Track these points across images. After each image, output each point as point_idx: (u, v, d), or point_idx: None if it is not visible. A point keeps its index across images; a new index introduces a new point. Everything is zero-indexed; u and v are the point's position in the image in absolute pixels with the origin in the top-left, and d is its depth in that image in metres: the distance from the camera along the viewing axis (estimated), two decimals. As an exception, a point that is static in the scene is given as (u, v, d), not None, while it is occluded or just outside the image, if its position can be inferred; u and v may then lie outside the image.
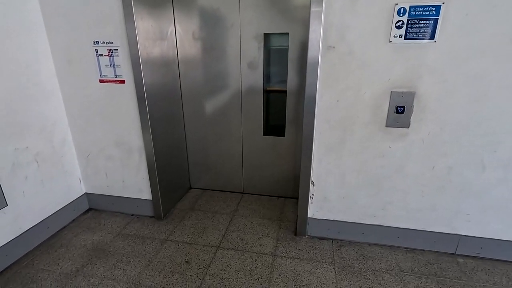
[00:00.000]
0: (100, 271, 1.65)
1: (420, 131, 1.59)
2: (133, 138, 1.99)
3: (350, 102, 1.61)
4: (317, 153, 1.75)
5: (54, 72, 1.92)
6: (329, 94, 1.62)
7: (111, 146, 2.05)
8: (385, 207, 1.78)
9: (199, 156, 2.51)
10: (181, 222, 2.11)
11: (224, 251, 1.81)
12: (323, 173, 1.79)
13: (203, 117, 2.37)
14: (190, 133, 2.44)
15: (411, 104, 1.54)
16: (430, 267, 1.69)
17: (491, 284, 1.57)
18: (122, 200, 2.19)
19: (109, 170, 2.13)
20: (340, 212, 1.86)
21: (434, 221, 1.75)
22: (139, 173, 2.08)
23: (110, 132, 2.02)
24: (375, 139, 1.65)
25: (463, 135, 1.55)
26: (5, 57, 1.61)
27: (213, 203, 2.38)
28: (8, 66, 1.63)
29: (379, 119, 1.61)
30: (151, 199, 2.12)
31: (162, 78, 2.04)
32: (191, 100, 2.33)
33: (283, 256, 1.77)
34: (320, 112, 1.66)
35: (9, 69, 1.63)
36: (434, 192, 1.69)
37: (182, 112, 2.38)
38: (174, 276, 1.61)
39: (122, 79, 1.84)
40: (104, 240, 1.92)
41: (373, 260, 1.74)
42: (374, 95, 1.57)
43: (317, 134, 1.71)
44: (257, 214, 2.23)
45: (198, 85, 2.27)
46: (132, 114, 1.92)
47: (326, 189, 1.82)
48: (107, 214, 2.22)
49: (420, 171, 1.66)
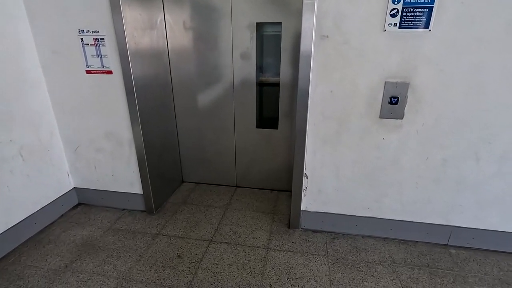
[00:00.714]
0: (89, 266, 1.62)
1: (415, 122, 1.57)
2: (123, 131, 1.93)
3: (344, 93, 1.58)
4: (311, 145, 1.72)
5: (38, 62, 1.85)
6: (323, 85, 1.59)
7: (101, 138, 2.00)
8: (380, 199, 1.77)
9: (191, 149, 2.46)
10: (173, 216, 2.08)
11: (216, 245, 1.78)
12: (317, 165, 1.77)
13: (195, 109, 2.32)
14: (182, 126, 2.39)
15: (405, 95, 1.52)
16: (422, 258, 1.69)
17: (483, 274, 1.58)
18: (112, 194, 2.15)
19: (98, 163, 2.08)
20: (334, 205, 1.85)
21: (429, 213, 1.75)
22: (130, 167, 2.03)
23: (99, 125, 1.96)
24: (370, 131, 1.63)
25: (458, 127, 1.54)
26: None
27: (206, 197, 2.35)
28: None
29: (374, 110, 1.59)
30: (142, 193, 2.08)
31: (152, 69, 1.98)
32: (182, 92, 2.28)
33: (276, 249, 1.75)
34: (314, 103, 1.63)
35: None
36: (429, 185, 1.68)
37: (173, 105, 2.33)
38: (165, 270, 1.59)
39: (110, 70, 1.77)
40: (93, 235, 1.88)
41: (366, 252, 1.74)
42: (369, 85, 1.54)
43: (311, 126, 1.68)
44: (250, 207, 2.20)
45: (190, 77, 2.22)
46: (121, 106, 1.86)
47: (320, 181, 1.80)
48: (97, 209, 2.18)
49: (415, 163, 1.65)
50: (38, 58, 1.84)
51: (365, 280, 1.53)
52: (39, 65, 1.86)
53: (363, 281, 1.52)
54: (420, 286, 1.49)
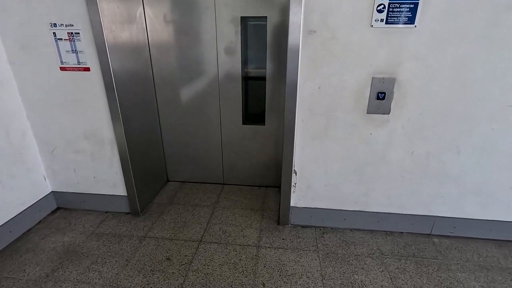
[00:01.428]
0: (73, 275, 1.54)
1: (401, 117, 1.60)
2: (103, 130, 1.84)
3: (332, 89, 1.58)
4: (299, 141, 1.72)
5: (5, 58, 1.71)
6: (311, 81, 1.57)
7: (80, 139, 1.89)
8: (367, 193, 1.80)
9: (176, 147, 2.40)
10: (160, 217, 2.02)
11: (206, 245, 1.75)
12: (306, 161, 1.77)
13: (179, 106, 2.24)
14: (165, 123, 2.31)
15: (391, 90, 1.54)
16: (408, 248, 1.75)
17: (464, 261, 1.65)
18: (94, 197, 2.05)
19: (78, 165, 1.97)
20: (323, 200, 1.86)
21: (413, 204, 1.80)
22: (112, 167, 1.94)
23: (77, 125, 1.85)
24: (357, 126, 1.64)
25: (441, 121, 1.58)
26: None
27: (193, 196, 2.30)
28: None
29: (362, 106, 1.60)
30: (127, 195, 2.00)
31: (132, 65, 1.88)
32: (165, 88, 2.19)
33: (267, 247, 1.75)
34: (302, 99, 1.61)
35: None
36: (413, 177, 1.73)
37: (156, 101, 2.24)
38: (154, 274, 1.54)
39: (87, 67, 1.67)
40: (76, 241, 1.79)
41: (355, 245, 1.77)
42: (357, 81, 1.55)
43: (299, 122, 1.67)
44: (238, 205, 2.18)
45: (172, 72, 2.14)
46: (100, 104, 1.76)
47: (309, 177, 1.81)
48: (78, 213, 2.07)
49: (401, 157, 1.69)
50: (6, 54, 1.70)
51: (355, 273, 1.56)
52: (6, 61, 1.71)
53: (354, 274, 1.55)
54: (407, 276, 1.54)
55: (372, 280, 1.52)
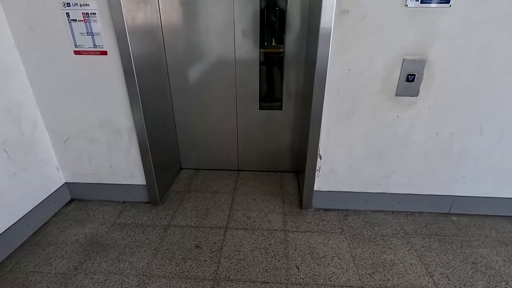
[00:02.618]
0: (102, 266, 1.51)
1: (428, 99, 1.60)
2: (120, 117, 1.76)
3: (361, 71, 1.55)
4: (326, 125, 1.70)
5: (12, 42, 1.58)
6: (341, 63, 1.54)
7: (95, 128, 1.81)
8: (389, 175, 1.83)
9: (189, 134, 2.34)
10: (181, 206, 1.99)
11: (233, 232, 1.75)
12: (331, 145, 1.76)
13: (193, 91, 2.17)
14: (179, 109, 2.24)
15: (421, 72, 1.53)
16: (430, 227, 1.80)
17: (483, 237, 1.72)
18: (110, 187, 1.99)
19: (93, 155, 1.90)
20: (346, 183, 1.88)
21: (433, 185, 1.84)
22: (130, 156, 1.88)
23: (91, 112, 1.76)
24: (384, 109, 1.64)
25: (466, 102, 1.60)
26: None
27: (209, 183, 2.27)
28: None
29: (389, 88, 1.59)
30: (146, 184, 1.95)
31: (148, 48, 1.79)
32: (178, 73, 2.11)
33: (294, 231, 1.76)
34: (331, 83, 1.59)
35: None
36: (435, 158, 1.76)
37: (169, 86, 2.16)
38: (187, 262, 1.53)
39: (104, 50, 1.57)
40: (98, 232, 1.74)
41: (379, 226, 1.81)
42: (386, 63, 1.53)
43: (327, 106, 1.65)
44: (257, 190, 2.17)
45: (186, 56, 2.05)
46: (118, 90, 1.68)
47: (333, 161, 1.81)
48: (93, 203, 2.01)
49: (424, 139, 1.71)
50: (12, 38, 1.58)
51: (384, 253, 1.59)
52: (13, 46, 1.59)
53: (383, 254, 1.59)
54: (433, 253, 1.59)
55: (401, 258, 1.56)
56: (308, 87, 1.67)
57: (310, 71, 1.64)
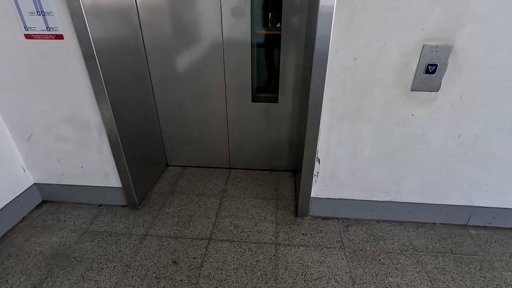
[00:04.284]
0: (65, 285, 1.32)
1: (451, 94, 1.31)
2: (87, 112, 1.53)
3: (371, 60, 1.27)
4: (326, 123, 1.44)
5: (-47, 23, 1.33)
6: (345, 50, 1.26)
7: (61, 123, 1.58)
8: (400, 181, 1.57)
9: (175, 128, 2.10)
10: (162, 210, 1.79)
11: (217, 244, 1.54)
12: (332, 146, 1.50)
13: (176, 79, 1.91)
14: (161, 100, 1.99)
15: (445, 62, 1.24)
16: (444, 242, 1.56)
17: (507, 257, 1.48)
18: (84, 189, 1.79)
19: (61, 154, 1.68)
20: (348, 190, 1.63)
21: (450, 193, 1.58)
22: (102, 156, 1.66)
23: (55, 106, 1.53)
24: (396, 105, 1.36)
25: (497, 98, 1.31)
26: None
27: (197, 183, 2.05)
28: None
29: (405, 80, 1.30)
30: (121, 186, 1.74)
31: (118, 31, 1.52)
32: (159, 59, 1.84)
33: (286, 244, 1.54)
34: (333, 73, 1.31)
35: None
36: (455, 163, 1.49)
37: (149, 74, 1.89)
38: (160, 283, 1.33)
39: (59, 34, 1.31)
40: (66, 242, 1.56)
41: (385, 240, 1.58)
42: (402, 50, 1.24)
43: (328, 100, 1.38)
44: (249, 193, 1.95)
45: (167, 39, 1.77)
46: (81, 80, 1.43)
47: (334, 164, 1.56)
48: (67, 206, 1.82)
49: (444, 140, 1.43)
50: (-48, 17, 1.33)
51: (390, 275, 1.37)
52: (-45, 27, 1.34)
53: (388, 277, 1.36)
54: (448, 277, 1.36)
55: (409, 283, 1.33)
56: (306, 79, 1.40)
57: (308, 60, 1.36)
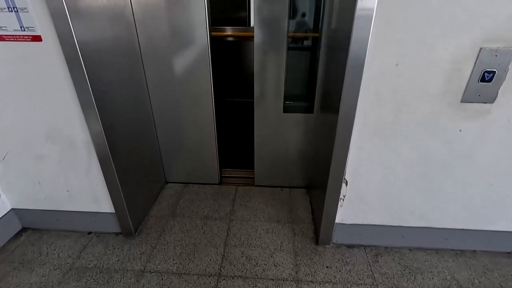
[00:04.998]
0: None
1: (508, 107, 1.11)
2: (72, 126, 1.29)
3: (414, 66, 1.06)
4: (357, 139, 1.22)
5: None
6: (385, 54, 1.04)
7: (41, 140, 1.34)
8: (438, 205, 1.36)
9: (174, 139, 1.86)
10: (162, 238, 1.55)
11: (228, 282, 1.30)
12: (362, 166, 1.29)
13: (177, 82, 1.68)
14: (160, 108, 1.75)
15: (505, 68, 1.03)
16: (490, 275, 1.35)
17: None
18: (70, 215, 1.54)
19: (42, 175, 1.44)
20: (378, 214, 1.41)
21: (497, 218, 1.37)
22: (91, 178, 1.42)
23: (35, 120, 1.29)
24: (441, 119, 1.15)
25: (561, 110, 1.10)
26: None
27: (200, 204, 1.82)
28: None
29: (454, 90, 1.09)
30: (114, 212, 1.50)
31: (108, 31, 1.29)
32: (157, 61, 1.61)
33: (309, 281, 1.31)
34: (368, 81, 1.09)
35: None
36: (506, 184, 1.28)
37: (145, 78, 1.66)
38: (162, 337, 1.09)
39: (36, 35, 1.08)
40: (48, 283, 1.30)
41: (422, 273, 1.36)
42: (454, 54, 1.03)
43: (360, 114, 1.16)
44: (260, 215, 1.72)
45: (168, 39, 1.55)
46: (64, 89, 1.19)
47: (363, 187, 1.34)
48: (50, 235, 1.57)
49: (494, 159, 1.22)
50: None
51: (436, 321, 1.15)
52: None
53: (434, 323, 1.14)
54: (505, 322, 1.15)
55: (461, 331, 1.11)
56: (336, 87, 1.18)
57: (339, 67, 1.14)
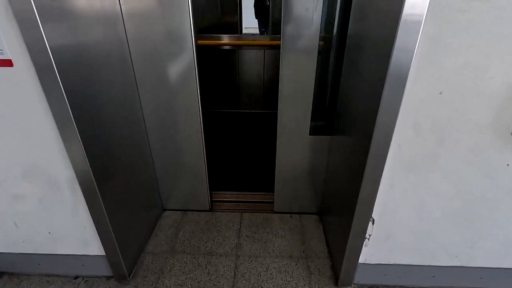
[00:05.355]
0: None
1: None
2: (53, 162, 1.09)
3: (462, 93, 0.89)
4: (388, 175, 1.05)
5: None
6: (429, 79, 0.88)
7: (17, 178, 1.13)
8: (475, 243, 1.20)
9: (169, 160, 1.66)
10: (160, 282, 1.35)
11: None
12: (392, 203, 1.12)
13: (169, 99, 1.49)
14: (155, 127, 1.55)
15: None
16: (534, 321, 1.20)
17: None
18: (54, 258, 1.33)
19: (19, 217, 1.23)
20: (407, 253, 1.25)
21: (540, 256, 1.23)
22: (77, 219, 1.22)
23: (8, 155, 1.08)
24: (487, 152, 0.99)
25: None
26: None
27: (202, 236, 1.63)
28: None
29: (506, 121, 0.93)
30: (105, 254, 1.30)
31: (95, 46, 1.10)
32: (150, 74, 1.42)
33: (333, 335, 1.14)
34: (407, 110, 0.93)
35: None
36: (554, 222, 1.13)
37: (137, 93, 1.45)
38: None
39: (6, 59, 0.88)
40: None
41: (459, 320, 1.20)
42: (509, 78, 0.87)
43: (395, 147, 0.99)
44: (270, 249, 1.54)
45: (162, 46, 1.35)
46: (41, 118, 1.00)
47: (392, 224, 1.18)
48: (31, 280, 1.36)
49: (544, 196, 1.07)
50: None
51: None
52: None
53: None
54: None
55: None
56: (368, 116, 1.00)
57: (373, 94, 0.96)
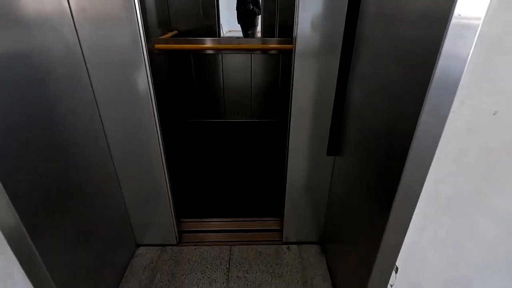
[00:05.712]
0: None
1: None
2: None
3: (522, 114, 0.68)
4: (420, 217, 0.83)
5: None
6: (479, 98, 0.66)
7: None
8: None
9: (139, 185, 1.37)
10: None
11: None
12: (421, 249, 0.90)
13: (128, 110, 1.21)
14: (116, 144, 1.26)
15: None
16: None
17: None
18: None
19: None
20: (433, 303, 1.03)
21: None
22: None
23: None
24: (543, 186, 0.79)
25: None
26: None
27: (184, 279, 1.35)
28: None
29: None
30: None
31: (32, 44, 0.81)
32: (107, 85, 1.14)
33: None
34: (449, 139, 0.70)
35: None
36: None
37: (95, 99, 1.16)
38: None
39: None
40: None
41: None
42: None
43: (430, 183, 0.77)
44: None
45: (111, 54, 1.08)
46: None
47: (419, 272, 0.95)
48: None
49: None
50: None
51: None
52: None
53: None
54: None
55: None
56: (394, 141, 0.77)
57: (402, 108, 0.73)
